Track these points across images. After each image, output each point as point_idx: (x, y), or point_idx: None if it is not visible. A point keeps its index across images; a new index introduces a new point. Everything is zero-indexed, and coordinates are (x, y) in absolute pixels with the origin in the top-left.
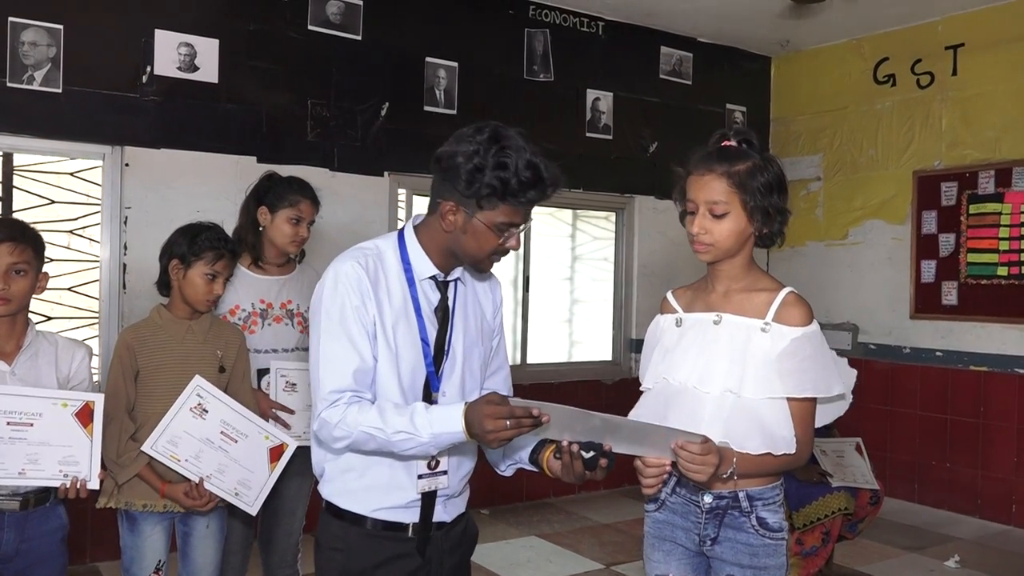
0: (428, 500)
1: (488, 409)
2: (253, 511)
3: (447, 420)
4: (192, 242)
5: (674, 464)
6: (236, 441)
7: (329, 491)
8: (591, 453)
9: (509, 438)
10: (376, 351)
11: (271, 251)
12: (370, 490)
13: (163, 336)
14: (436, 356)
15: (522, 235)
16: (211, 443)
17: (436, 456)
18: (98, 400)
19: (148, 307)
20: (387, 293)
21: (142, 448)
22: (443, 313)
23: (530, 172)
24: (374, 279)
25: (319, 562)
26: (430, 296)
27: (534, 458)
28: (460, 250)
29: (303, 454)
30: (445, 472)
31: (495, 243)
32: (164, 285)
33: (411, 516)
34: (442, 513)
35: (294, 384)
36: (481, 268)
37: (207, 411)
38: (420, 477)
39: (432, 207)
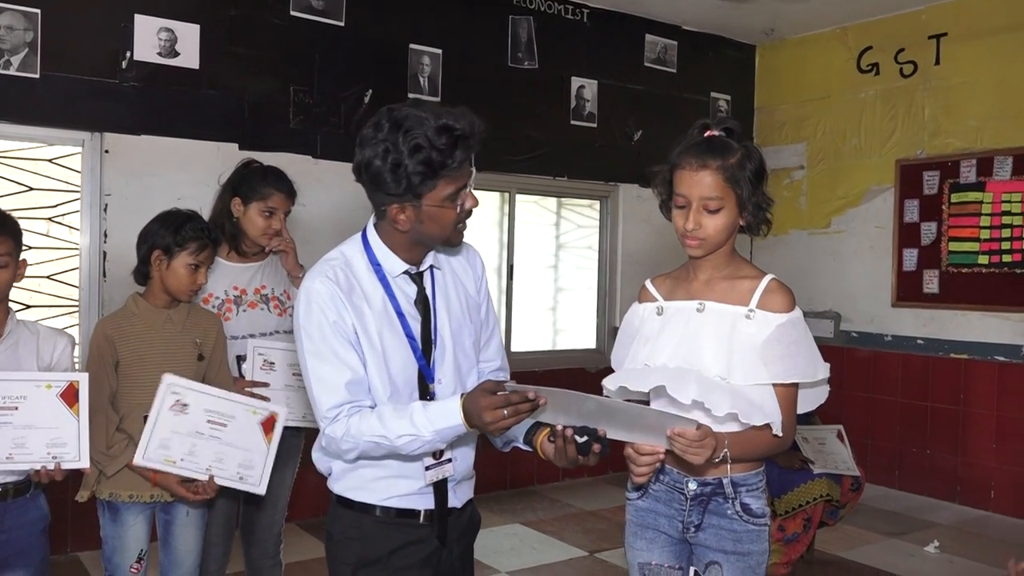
0: (440, 486)
1: (484, 401)
2: (262, 490)
3: (446, 415)
4: (176, 232)
5: (667, 452)
6: (226, 425)
7: (341, 487)
8: (584, 438)
9: (509, 426)
10: (364, 358)
11: (246, 241)
12: (381, 480)
13: (141, 326)
14: (425, 348)
15: (473, 191)
16: (201, 435)
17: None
18: (82, 379)
19: (128, 295)
20: (364, 298)
21: (133, 462)
22: (423, 305)
23: (444, 136)
24: (347, 289)
25: (332, 552)
26: (407, 291)
27: (528, 439)
28: (426, 238)
29: (283, 444)
30: (451, 460)
31: (453, 215)
32: (143, 275)
33: (423, 502)
34: (452, 499)
35: (272, 363)
36: (453, 242)
37: (187, 404)
38: (427, 468)
39: (379, 215)
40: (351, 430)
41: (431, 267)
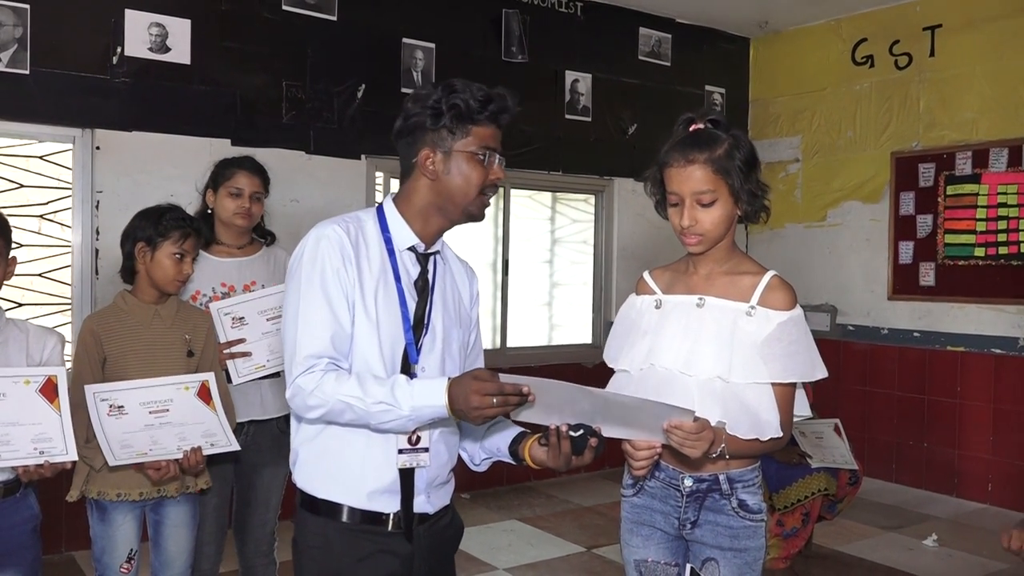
0: (407, 482)
1: (475, 384)
2: (236, 446)
3: (429, 393)
4: (157, 223)
5: (664, 447)
6: (168, 410)
7: (304, 477)
8: (580, 432)
9: (494, 415)
10: (354, 317)
11: (226, 233)
12: (345, 471)
13: (129, 322)
14: (416, 329)
15: (503, 166)
16: (152, 426)
17: (417, 431)
18: (60, 373)
19: (119, 291)
20: (368, 261)
21: (110, 464)
22: (423, 285)
23: (481, 93)
24: (355, 245)
25: (298, 563)
26: (410, 269)
27: (513, 450)
28: (449, 196)
29: (274, 441)
30: (427, 449)
31: (481, 172)
32: (129, 272)
33: (391, 505)
34: (425, 504)
35: (241, 318)
36: (472, 211)
37: (122, 405)
38: (401, 452)
39: (405, 174)
40: (324, 386)
41: (436, 254)
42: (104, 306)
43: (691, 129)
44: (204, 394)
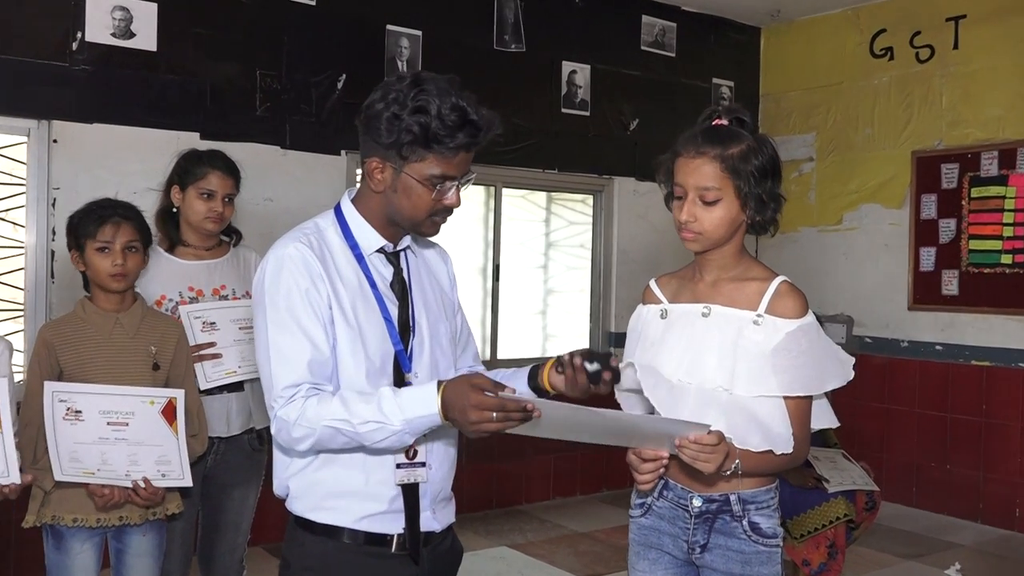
0: (412, 500)
1: (474, 398)
2: (189, 482)
3: (420, 403)
4: (74, 224)
5: (672, 459)
6: (127, 424)
7: (300, 507)
8: (595, 365)
9: (493, 432)
10: (334, 335)
11: (193, 234)
12: (344, 498)
13: (89, 331)
14: (402, 334)
15: (460, 191)
16: (106, 440)
17: (414, 446)
18: (0, 386)
19: (79, 298)
20: (338, 273)
21: (56, 479)
22: (401, 287)
23: (455, 114)
24: (322, 259)
25: None
26: (382, 271)
27: (534, 385)
28: (395, 212)
29: (246, 459)
30: (424, 464)
31: (430, 200)
32: (86, 279)
33: (395, 525)
34: (431, 521)
35: (212, 323)
36: (423, 231)
37: (80, 411)
38: (399, 467)
39: (363, 172)
40: (307, 412)
41: (407, 249)
42: (63, 314)
43: (713, 123)
44: (169, 413)
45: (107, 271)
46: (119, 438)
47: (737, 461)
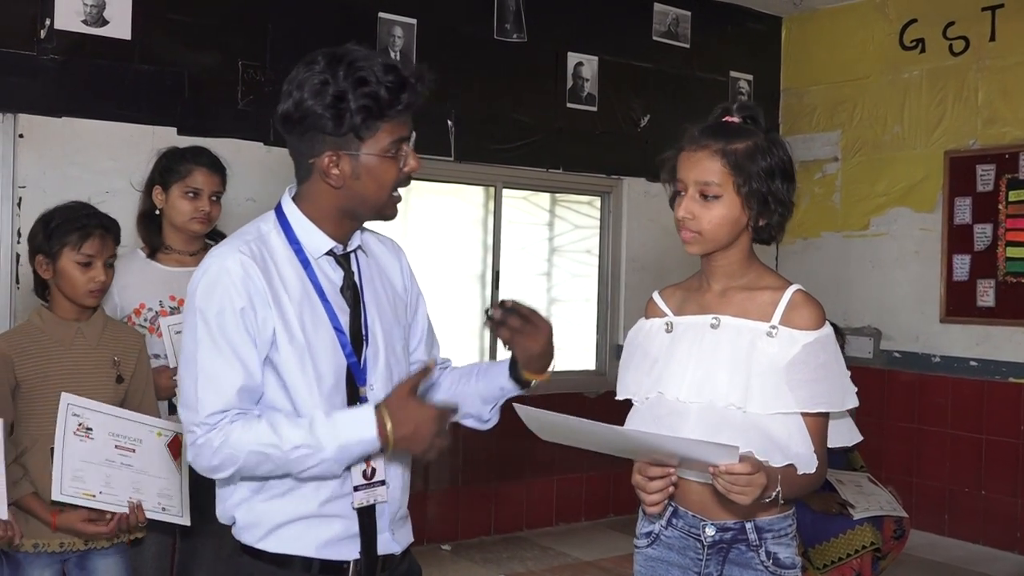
0: (368, 523)
1: (425, 411)
2: (187, 521)
3: (356, 426)
4: (47, 228)
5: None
6: (134, 451)
7: (249, 537)
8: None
9: (441, 448)
10: (280, 355)
11: (177, 238)
12: (296, 525)
13: (47, 342)
14: (355, 345)
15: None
16: (112, 463)
17: (371, 463)
18: None
19: (33, 308)
20: (282, 283)
21: (52, 497)
22: (352, 292)
23: (392, 75)
24: (265, 269)
25: None
26: (331, 276)
27: (516, 376)
28: (359, 201)
29: None
30: (383, 482)
31: (395, 170)
32: (41, 286)
33: (350, 551)
34: (391, 542)
35: None
36: (386, 214)
37: (91, 429)
38: (356, 489)
39: (303, 173)
40: (230, 438)
41: (358, 249)
42: (18, 324)
43: (722, 120)
44: (175, 447)
45: (86, 287)
46: (125, 463)
47: (778, 489)
